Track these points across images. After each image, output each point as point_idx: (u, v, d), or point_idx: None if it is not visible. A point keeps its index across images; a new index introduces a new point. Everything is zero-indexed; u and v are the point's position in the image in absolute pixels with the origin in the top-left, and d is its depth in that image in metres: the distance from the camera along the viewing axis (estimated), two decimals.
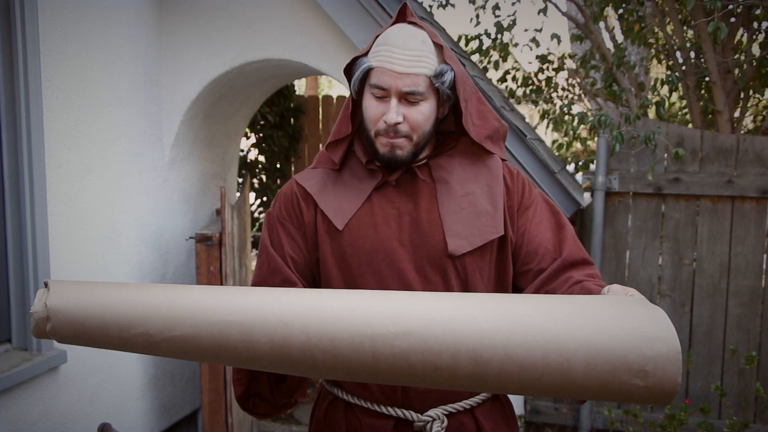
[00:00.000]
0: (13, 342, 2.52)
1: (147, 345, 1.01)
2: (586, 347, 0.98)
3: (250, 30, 3.15)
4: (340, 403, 1.45)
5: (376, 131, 1.34)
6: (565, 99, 5.80)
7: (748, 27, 4.61)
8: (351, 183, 1.42)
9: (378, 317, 1.02)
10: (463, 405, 1.40)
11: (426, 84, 1.30)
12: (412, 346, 0.99)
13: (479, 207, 1.38)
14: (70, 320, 1.00)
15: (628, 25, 4.91)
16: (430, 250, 1.36)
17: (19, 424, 2.42)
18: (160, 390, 3.31)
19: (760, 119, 5.64)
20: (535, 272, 1.39)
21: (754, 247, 3.36)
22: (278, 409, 1.47)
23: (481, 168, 1.43)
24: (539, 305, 1.06)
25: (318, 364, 1.01)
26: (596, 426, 3.58)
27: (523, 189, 1.45)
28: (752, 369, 3.36)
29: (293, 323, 1.01)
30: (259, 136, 5.22)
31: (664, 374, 0.98)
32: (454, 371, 1.00)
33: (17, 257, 2.47)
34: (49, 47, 2.51)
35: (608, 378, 0.98)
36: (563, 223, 1.44)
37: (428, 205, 1.38)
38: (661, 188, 3.43)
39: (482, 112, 1.42)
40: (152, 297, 1.03)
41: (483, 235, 1.36)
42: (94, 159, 2.78)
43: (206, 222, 3.64)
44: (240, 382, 1.41)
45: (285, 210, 1.44)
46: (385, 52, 1.30)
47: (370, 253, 1.36)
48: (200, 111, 3.38)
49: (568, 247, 1.39)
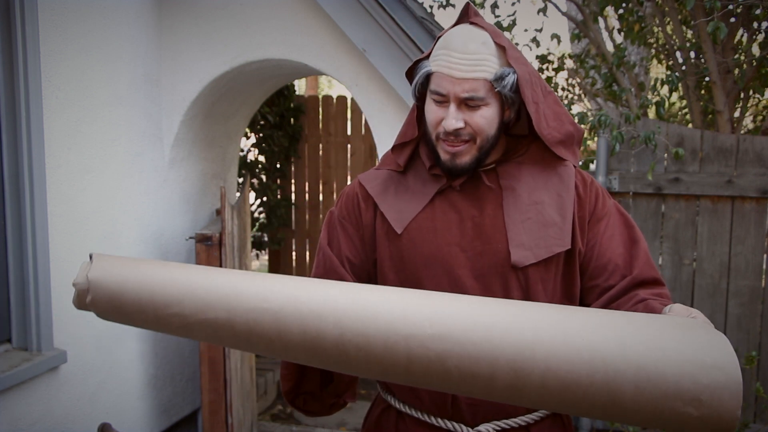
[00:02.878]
0: (13, 342, 2.52)
1: (181, 326, 1.01)
2: (635, 368, 0.92)
3: (250, 30, 3.15)
4: (392, 411, 1.42)
5: (437, 135, 1.30)
6: (565, 99, 5.80)
7: (748, 27, 4.61)
8: (414, 186, 1.38)
9: (415, 317, 0.98)
10: (518, 421, 1.33)
11: (486, 88, 1.25)
12: (449, 350, 0.96)
13: (547, 217, 1.31)
14: (109, 294, 1.01)
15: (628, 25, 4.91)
16: (491, 259, 1.30)
17: (19, 424, 2.42)
18: (160, 390, 3.31)
19: (760, 119, 5.64)
20: (603, 288, 1.32)
21: (754, 247, 3.36)
22: (327, 409, 1.44)
23: (552, 176, 1.36)
24: (589, 319, 1.00)
25: (351, 360, 0.99)
26: (596, 426, 3.58)
27: (596, 199, 1.37)
28: (752, 369, 3.35)
29: (327, 317, 0.99)
30: (259, 136, 5.22)
31: (721, 405, 0.90)
32: (491, 380, 0.95)
33: (17, 257, 2.47)
34: (49, 47, 2.51)
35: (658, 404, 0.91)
36: (637, 238, 1.35)
37: (493, 211, 1.33)
38: (661, 188, 3.43)
39: (558, 115, 1.36)
40: (190, 278, 1.02)
41: (549, 247, 1.30)
42: (94, 159, 2.78)
43: (206, 222, 3.64)
44: (287, 378, 1.38)
45: (345, 210, 1.42)
46: (444, 56, 1.26)
47: (428, 258, 1.32)
48: (200, 111, 3.38)
49: (640, 264, 1.32)
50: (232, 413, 3.20)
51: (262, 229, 5.36)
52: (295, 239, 5.54)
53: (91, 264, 1.03)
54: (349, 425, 3.94)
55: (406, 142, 1.41)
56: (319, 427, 3.91)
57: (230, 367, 3.17)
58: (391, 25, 2.82)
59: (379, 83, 3.02)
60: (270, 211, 5.34)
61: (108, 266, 1.03)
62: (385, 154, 1.47)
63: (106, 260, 1.04)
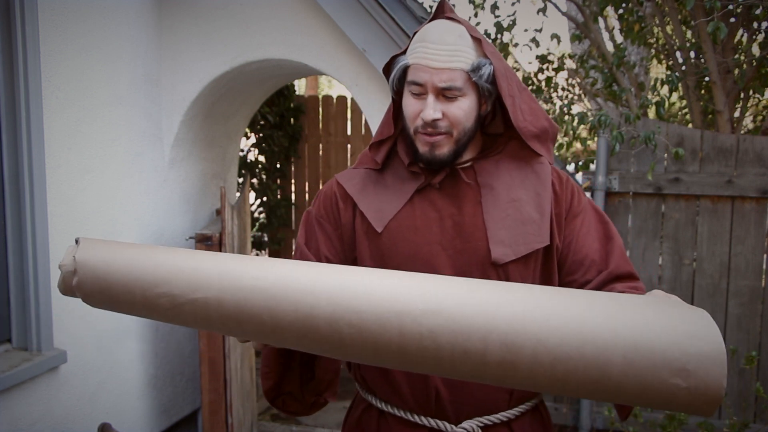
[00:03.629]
0: (13, 342, 2.52)
1: (170, 307, 0.99)
2: (623, 340, 0.93)
3: (250, 30, 3.15)
4: (373, 410, 1.41)
5: (415, 128, 1.30)
6: (565, 99, 5.80)
7: (748, 27, 4.61)
8: (393, 184, 1.38)
9: (407, 294, 0.98)
10: (500, 417, 1.35)
11: (463, 78, 1.26)
12: (442, 326, 0.95)
13: (525, 214, 1.33)
14: (96, 275, 0.99)
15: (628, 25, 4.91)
16: (472, 256, 1.32)
17: (19, 424, 2.42)
18: (160, 390, 3.31)
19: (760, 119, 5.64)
20: (580, 284, 1.35)
21: (754, 247, 3.36)
22: (308, 408, 1.44)
23: (529, 174, 1.38)
24: (576, 296, 1.01)
25: (344, 339, 0.97)
26: (596, 426, 3.58)
27: (572, 196, 1.40)
28: (752, 369, 3.35)
29: (320, 293, 0.97)
30: (259, 136, 5.22)
31: (707, 374, 0.91)
32: (483, 356, 0.95)
33: (17, 257, 2.47)
34: (49, 47, 2.51)
35: (647, 375, 0.92)
36: (612, 234, 1.38)
37: (472, 209, 1.34)
38: (661, 188, 3.43)
39: (534, 110, 1.37)
40: (178, 259, 1.01)
41: (528, 243, 1.32)
42: (94, 159, 2.78)
43: (206, 222, 3.64)
44: (268, 376, 1.37)
45: (323, 209, 1.42)
46: (421, 49, 1.27)
47: (409, 256, 1.33)
48: (200, 111, 3.38)
49: (615, 259, 1.35)
50: (232, 413, 3.20)
51: (262, 229, 5.36)
52: (295, 239, 5.54)
53: (77, 246, 1.02)
54: None
55: (383, 139, 1.41)
56: (319, 427, 3.91)
57: (230, 367, 3.17)
58: (391, 25, 2.82)
59: (379, 83, 3.02)
60: (270, 211, 5.34)
61: (95, 248, 1.01)
62: (363, 152, 1.47)
63: (93, 242, 1.02)
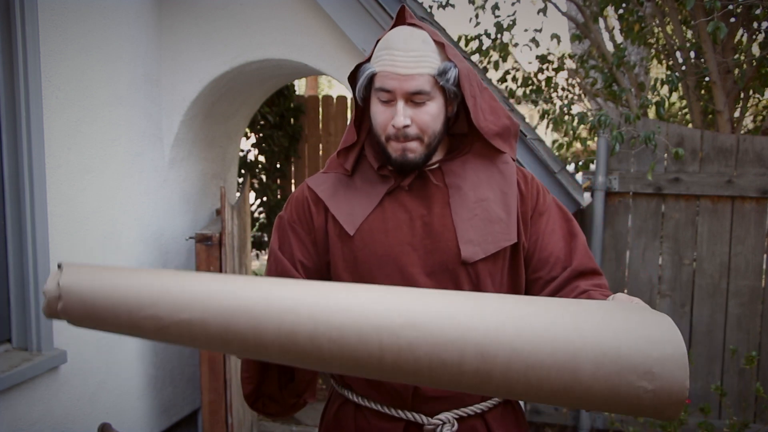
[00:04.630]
0: (13, 342, 2.52)
1: (156, 329, 1.01)
2: (592, 346, 0.97)
3: (250, 30, 3.15)
4: (350, 405, 1.44)
5: (386, 136, 1.32)
6: (565, 99, 5.80)
7: (748, 27, 4.61)
8: (363, 188, 1.41)
9: (385, 308, 1.01)
10: (474, 409, 1.39)
11: (431, 83, 1.28)
12: (419, 339, 0.99)
13: (492, 214, 1.36)
14: (81, 300, 1.01)
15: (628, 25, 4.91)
16: (442, 256, 1.35)
17: (19, 424, 2.42)
18: (160, 390, 3.31)
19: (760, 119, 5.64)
20: (546, 281, 1.38)
21: (754, 247, 3.36)
22: (288, 410, 1.46)
23: (495, 173, 1.41)
24: (546, 304, 1.05)
25: (324, 355, 1.00)
26: (596, 426, 3.58)
27: (538, 195, 1.43)
28: (752, 369, 3.36)
29: (301, 310, 1.00)
30: (259, 136, 5.22)
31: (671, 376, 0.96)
32: (460, 366, 0.98)
33: (17, 257, 2.47)
34: (49, 47, 2.51)
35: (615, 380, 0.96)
36: (575, 231, 1.42)
37: (441, 210, 1.37)
38: (661, 188, 3.43)
39: (494, 109, 1.40)
40: (163, 281, 1.03)
41: (496, 242, 1.35)
42: (94, 159, 2.78)
43: (206, 222, 3.64)
44: (248, 381, 1.40)
45: (296, 214, 1.44)
46: (387, 56, 1.29)
47: (381, 258, 1.35)
48: (200, 111, 3.38)
49: (579, 256, 1.38)
50: (232, 413, 3.20)
51: (262, 229, 5.36)
52: None
53: (61, 272, 1.03)
54: None
55: (349, 146, 1.43)
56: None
57: (230, 367, 3.17)
58: None
59: None
60: (270, 211, 5.34)
61: (79, 273, 1.03)
62: (330, 158, 1.49)
63: (77, 267, 1.04)
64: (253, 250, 5.36)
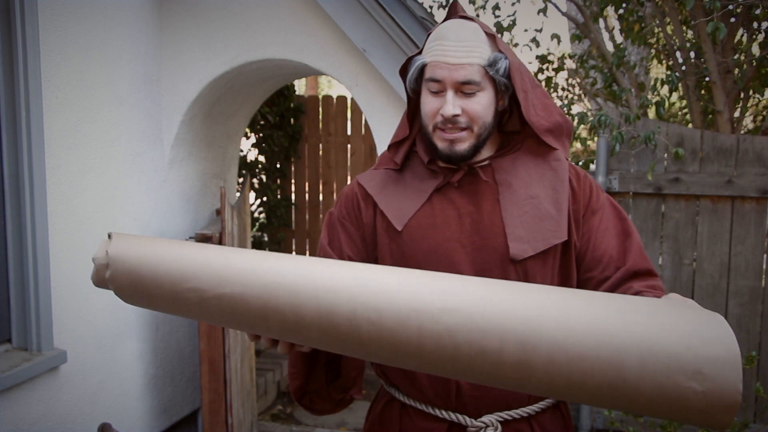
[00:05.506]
0: (13, 342, 2.52)
1: (198, 301, 1.02)
2: (639, 342, 0.93)
3: (250, 30, 3.15)
4: (396, 403, 1.43)
5: (434, 125, 1.31)
6: (565, 99, 5.80)
7: (747, 27, 4.61)
8: (412, 183, 1.40)
9: (426, 293, 1.00)
10: (520, 413, 1.35)
11: (481, 73, 1.28)
12: (459, 324, 0.96)
13: (543, 211, 1.34)
14: (127, 269, 1.03)
15: (628, 25, 4.91)
16: (490, 253, 1.33)
17: (19, 424, 2.42)
18: (160, 390, 3.31)
19: (760, 119, 5.64)
20: (598, 280, 1.35)
21: (754, 247, 3.36)
22: (334, 406, 1.45)
23: (546, 171, 1.38)
24: (592, 298, 1.02)
25: (363, 337, 0.99)
26: (596, 426, 3.58)
27: (590, 193, 1.40)
28: (752, 369, 3.35)
29: (341, 290, 1.00)
30: (259, 136, 5.22)
31: (723, 379, 0.90)
32: (500, 355, 0.96)
33: (17, 257, 2.47)
34: (49, 47, 2.51)
35: (663, 379, 0.91)
36: (630, 230, 1.39)
37: (490, 207, 1.35)
38: (661, 188, 3.43)
39: (547, 106, 1.38)
40: (207, 255, 1.04)
41: (546, 239, 1.32)
42: (94, 159, 2.78)
43: (206, 222, 3.64)
44: (295, 376, 1.39)
45: (345, 210, 1.44)
46: (437, 47, 1.29)
47: (428, 254, 1.34)
48: (200, 111, 3.38)
49: (633, 256, 1.35)
50: (232, 413, 3.20)
51: (262, 229, 5.36)
52: (295, 239, 5.54)
53: (110, 241, 1.06)
54: (348, 425, 3.94)
55: (401, 140, 1.43)
56: (319, 427, 3.91)
57: (230, 367, 3.17)
58: (391, 25, 2.82)
59: (379, 83, 3.02)
60: (270, 211, 5.34)
61: (127, 242, 1.05)
62: (382, 154, 1.49)
63: (125, 237, 1.06)
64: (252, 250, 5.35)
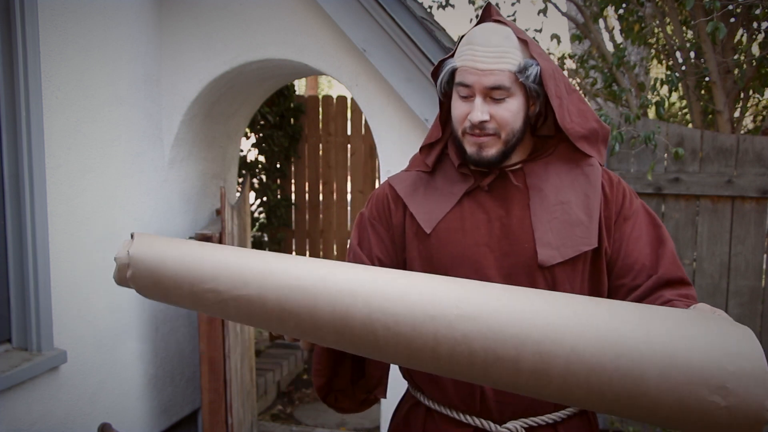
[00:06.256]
0: (13, 342, 2.52)
1: (216, 302, 1.04)
2: (660, 354, 0.91)
3: (250, 30, 3.15)
4: (421, 407, 1.43)
5: (463, 130, 1.31)
6: None
7: (747, 27, 4.61)
8: (442, 186, 1.40)
9: (443, 299, 0.99)
10: (545, 419, 1.34)
11: (511, 79, 1.27)
12: (475, 332, 0.96)
13: (573, 217, 1.32)
14: (148, 269, 1.05)
15: (628, 25, 4.91)
16: (519, 258, 1.32)
17: (19, 424, 2.42)
18: (160, 390, 3.31)
19: (760, 119, 5.64)
20: (629, 288, 1.33)
21: (754, 247, 3.36)
22: (359, 405, 1.45)
23: (579, 176, 1.37)
24: (614, 307, 1.00)
25: (379, 341, 1.00)
26: None
27: (624, 199, 1.38)
28: None
29: (357, 295, 1.00)
30: (259, 136, 5.22)
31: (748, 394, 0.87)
32: (516, 363, 0.95)
33: (17, 257, 2.47)
34: (49, 47, 2.51)
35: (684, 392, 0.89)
36: (664, 238, 1.36)
37: (520, 212, 1.34)
38: (661, 188, 3.43)
39: (582, 112, 1.37)
40: (225, 256, 1.06)
41: (575, 246, 1.31)
42: (94, 159, 2.78)
43: (206, 222, 3.64)
44: (320, 374, 1.39)
45: (376, 211, 1.45)
46: (468, 51, 1.29)
47: (456, 257, 1.34)
48: (200, 111, 3.38)
49: (666, 264, 1.32)
50: (232, 413, 3.20)
51: (262, 229, 5.36)
52: (295, 239, 5.54)
53: (132, 241, 1.08)
54: (349, 425, 3.94)
55: (433, 143, 1.43)
56: (319, 427, 3.91)
57: (230, 367, 3.17)
58: (391, 25, 2.82)
59: (379, 83, 3.02)
60: (270, 211, 5.34)
61: (148, 243, 1.08)
62: (414, 156, 1.49)
63: (147, 238, 1.09)
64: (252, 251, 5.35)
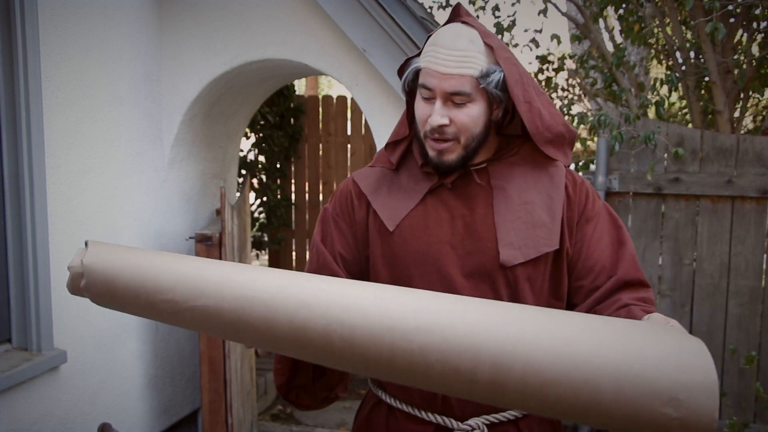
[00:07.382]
0: (13, 342, 2.52)
1: (172, 312, 1.03)
2: (615, 367, 0.92)
3: (250, 30, 3.15)
4: (383, 405, 1.43)
5: (424, 133, 1.31)
6: (565, 99, 5.80)
7: (747, 27, 4.61)
8: (407, 184, 1.39)
9: (400, 311, 1.00)
10: (507, 416, 1.35)
11: (472, 85, 1.26)
12: (432, 344, 0.96)
13: (536, 218, 1.33)
14: (103, 278, 1.03)
15: (628, 26, 4.91)
16: (481, 258, 1.32)
17: (19, 424, 2.42)
18: (160, 390, 3.31)
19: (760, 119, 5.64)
20: (589, 289, 1.34)
21: (754, 247, 3.36)
22: (320, 403, 1.46)
23: (543, 176, 1.37)
24: (569, 320, 1.01)
25: (336, 352, 1.00)
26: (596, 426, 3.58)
27: (586, 200, 1.38)
28: (752, 369, 3.35)
29: (315, 307, 1.00)
30: (259, 136, 5.22)
31: (699, 406, 0.89)
32: (473, 375, 0.96)
33: (17, 257, 2.47)
34: (49, 47, 2.51)
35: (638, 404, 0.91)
36: (624, 239, 1.37)
37: (483, 211, 1.34)
38: (661, 188, 3.43)
39: (552, 115, 1.36)
40: (182, 267, 1.05)
41: (537, 247, 1.31)
42: (94, 159, 2.78)
43: (206, 222, 3.64)
44: (280, 372, 1.40)
45: (339, 207, 1.44)
46: (432, 53, 1.28)
47: (418, 255, 1.34)
48: (200, 111, 3.38)
49: (625, 266, 1.33)
50: (232, 413, 3.20)
51: (262, 229, 5.36)
52: (295, 239, 5.54)
53: (86, 250, 1.06)
54: (349, 425, 3.94)
55: (398, 140, 1.43)
56: (319, 427, 3.91)
57: (230, 367, 3.17)
58: (391, 25, 2.82)
59: (379, 83, 3.02)
60: (270, 211, 5.34)
61: (103, 252, 1.05)
62: (379, 151, 1.48)
63: (102, 246, 1.06)
64: (253, 250, 5.36)
